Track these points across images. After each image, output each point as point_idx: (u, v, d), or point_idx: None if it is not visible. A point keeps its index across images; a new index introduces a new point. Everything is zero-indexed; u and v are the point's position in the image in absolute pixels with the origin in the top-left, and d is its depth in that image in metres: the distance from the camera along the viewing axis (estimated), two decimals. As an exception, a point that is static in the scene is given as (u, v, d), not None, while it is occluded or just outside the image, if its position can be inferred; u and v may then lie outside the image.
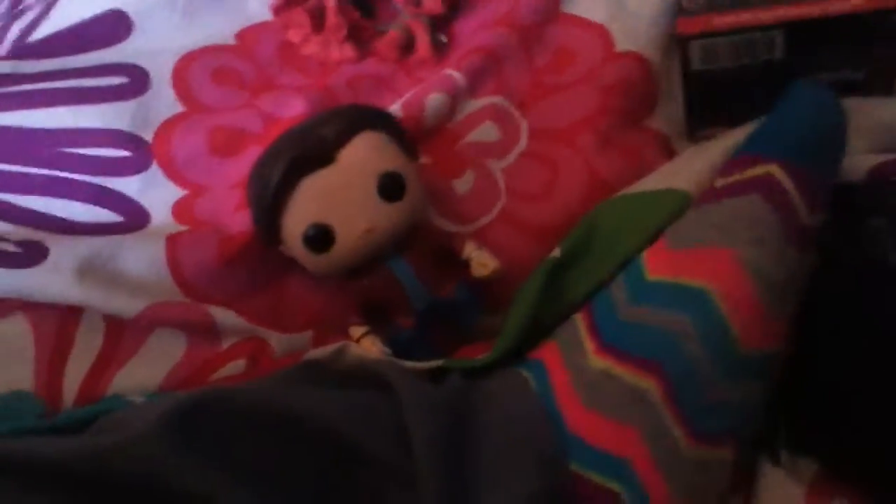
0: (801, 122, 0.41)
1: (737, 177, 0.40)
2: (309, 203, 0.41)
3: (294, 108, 0.51)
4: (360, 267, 0.43)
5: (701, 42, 0.46)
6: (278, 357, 0.45)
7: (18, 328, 0.42)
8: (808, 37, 0.44)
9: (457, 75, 0.52)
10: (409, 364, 0.42)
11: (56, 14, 0.56)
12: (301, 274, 0.47)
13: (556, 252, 0.44)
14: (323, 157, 0.41)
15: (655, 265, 0.40)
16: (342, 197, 0.41)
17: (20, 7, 0.59)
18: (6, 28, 0.57)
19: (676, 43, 0.47)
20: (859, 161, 0.44)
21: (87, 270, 0.43)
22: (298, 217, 0.42)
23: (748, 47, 0.45)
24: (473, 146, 0.51)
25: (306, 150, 0.41)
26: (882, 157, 0.44)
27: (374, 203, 0.42)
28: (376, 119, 0.44)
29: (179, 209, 0.49)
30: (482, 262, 0.45)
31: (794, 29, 0.44)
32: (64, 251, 0.44)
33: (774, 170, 0.39)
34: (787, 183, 0.38)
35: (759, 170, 0.39)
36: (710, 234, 0.38)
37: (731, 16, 0.45)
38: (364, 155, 0.42)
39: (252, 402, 0.36)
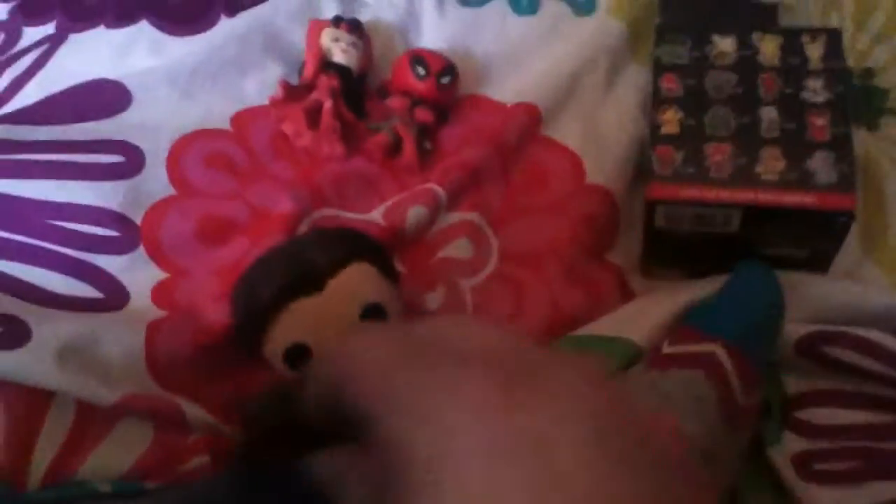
0: (745, 306, 0.46)
1: (683, 349, 0.44)
2: (294, 324, 0.44)
3: (282, 205, 0.53)
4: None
5: (667, 207, 0.50)
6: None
7: None
8: (762, 217, 0.49)
9: (439, 190, 0.55)
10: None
11: (52, 68, 0.57)
12: (265, 370, 0.49)
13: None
14: (314, 284, 0.44)
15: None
16: (326, 322, 0.44)
17: (14, 49, 0.59)
18: (-1, 70, 0.57)
19: (644, 203, 0.51)
20: (789, 329, 0.49)
21: (68, 356, 0.44)
22: (282, 335, 0.44)
23: (707, 218, 0.50)
24: (447, 262, 0.54)
25: (299, 277, 0.43)
26: (811, 328, 0.49)
27: (355, 331, 0.44)
28: (366, 250, 0.46)
29: (159, 291, 0.50)
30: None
31: (750, 209, 0.49)
32: (46, 333, 0.45)
33: (718, 350, 0.43)
34: (727, 364, 0.43)
35: (704, 347, 0.44)
36: (657, 403, 0.43)
37: (696, 190, 0.49)
38: (352, 286, 0.44)
39: None
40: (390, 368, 0.26)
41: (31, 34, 0.60)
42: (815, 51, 0.54)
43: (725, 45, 0.55)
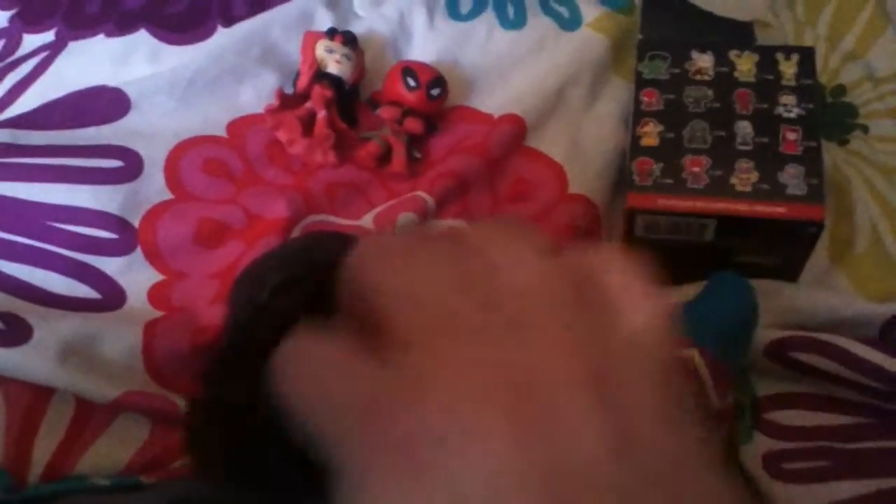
0: (720, 313, 0.48)
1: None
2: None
3: (275, 210, 0.54)
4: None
5: (645, 216, 0.52)
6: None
7: None
8: (736, 227, 0.51)
9: (427, 198, 0.57)
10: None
11: (52, 75, 0.58)
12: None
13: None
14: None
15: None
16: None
17: (15, 56, 0.61)
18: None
19: (624, 212, 0.53)
20: (759, 334, 0.51)
21: (70, 353, 0.46)
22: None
23: (684, 227, 0.52)
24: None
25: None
26: (780, 333, 0.51)
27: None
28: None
29: (155, 293, 0.52)
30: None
31: (724, 219, 0.51)
32: (47, 332, 0.46)
33: (694, 356, 0.45)
34: (703, 371, 0.45)
35: (682, 353, 0.46)
36: None
37: (674, 200, 0.51)
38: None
39: None
40: None
41: (31, 41, 0.62)
42: (788, 68, 0.57)
43: (704, 61, 0.58)
